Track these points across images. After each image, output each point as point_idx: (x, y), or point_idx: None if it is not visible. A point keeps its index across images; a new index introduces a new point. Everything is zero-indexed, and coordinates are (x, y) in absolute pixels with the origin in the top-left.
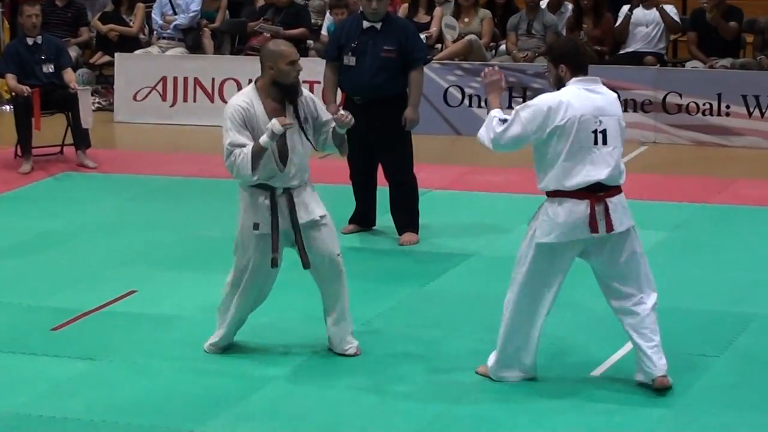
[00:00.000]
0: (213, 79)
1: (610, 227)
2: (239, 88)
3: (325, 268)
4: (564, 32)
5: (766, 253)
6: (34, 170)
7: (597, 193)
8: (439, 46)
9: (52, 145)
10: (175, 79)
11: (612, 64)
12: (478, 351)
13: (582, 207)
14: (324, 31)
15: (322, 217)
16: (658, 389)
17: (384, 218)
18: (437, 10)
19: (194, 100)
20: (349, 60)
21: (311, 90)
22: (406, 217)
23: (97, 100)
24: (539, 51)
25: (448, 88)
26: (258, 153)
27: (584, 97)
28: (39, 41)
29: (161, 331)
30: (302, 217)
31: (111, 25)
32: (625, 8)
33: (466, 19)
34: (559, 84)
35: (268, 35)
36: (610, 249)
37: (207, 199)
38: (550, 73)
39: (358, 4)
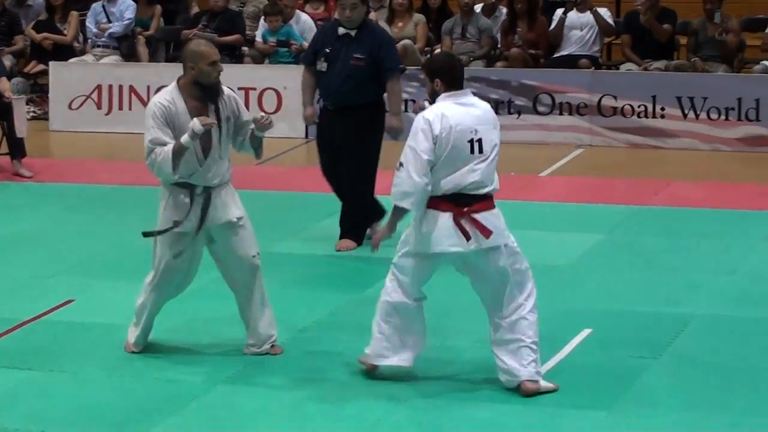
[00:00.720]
0: (148, 87)
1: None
2: None
3: (243, 269)
4: (498, 36)
5: (702, 255)
6: None
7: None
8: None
9: None
10: (110, 87)
11: (547, 68)
12: (421, 355)
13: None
14: (258, 38)
15: (239, 218)
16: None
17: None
18: (372, 15)
19: (130, 108)
20: (321, 66)
21: (246, 97)
22: (349, 224)
23: (32, 108)
24: (474, 55)
25: None
26: (179, 152)
27: (457, 109)
28: None
29: (99, 340)
30: (219, 218)
31: (45, 34)
32: (560, 11)
33: (401, 24)
34: (434, 97)
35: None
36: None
37: (143, 208)
38: (426, 87)
39: (291, 10)
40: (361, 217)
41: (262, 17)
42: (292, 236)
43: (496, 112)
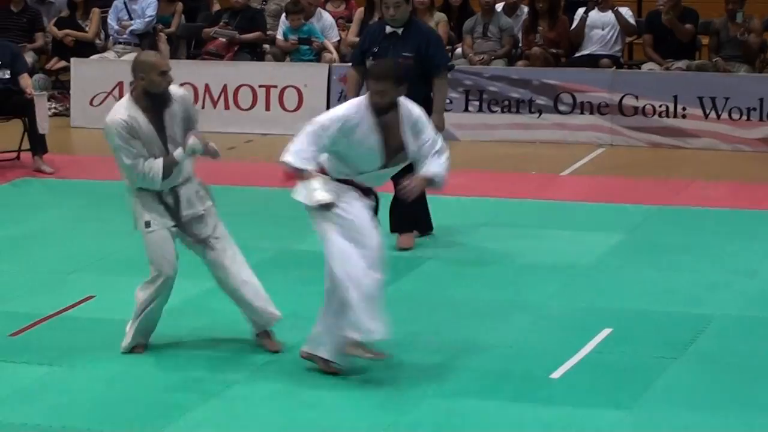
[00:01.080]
0: None
1: None
2: (196, 92)
3: (215, 251)
4: (520, 35)
5: (723, 255)
6: None
7: None
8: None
9: (8, 150)
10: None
11: (568, 67)
12: (440, 352)
13: None
14: (280, 36)
15: (205, 210)
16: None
17: None
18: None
19: None
20: (358, 65)
21: (267, 95)
22: (407, 219)
23: (53, 105)
24: (495, 54)
25: None
26: (170, 166)
27: None
28: None
29: (119, 336)
30: (186, 214)
31: (67, 31)
32: (581, 11)
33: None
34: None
35: (224, 40)
36: None
37: None
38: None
39: (313, 7)
40: (418, 208)
41: (284, 15)
42: (311, 234)
43: (517, 111)
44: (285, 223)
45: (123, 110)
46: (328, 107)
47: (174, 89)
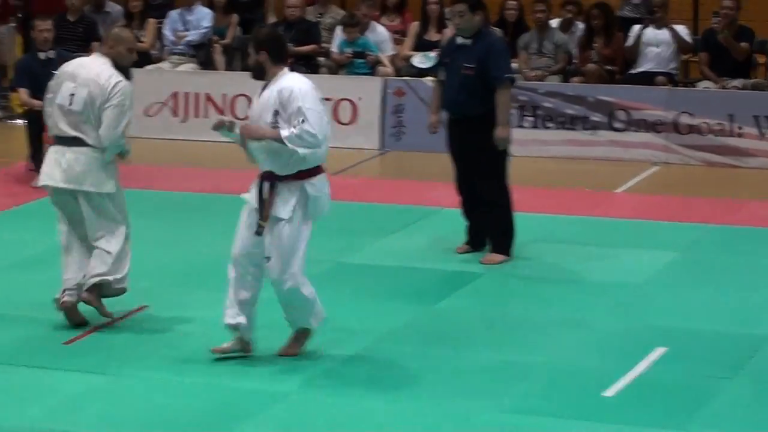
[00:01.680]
0: (224, 95)
1: None
2: (250, 103)
3: None
4: (575, 51)
5: None
6: None
7: None
8: None
9: None
10: (186, 94)
11: (623, 84)
12: (492, 369)
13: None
14: (335, 48)
15: None
16: None
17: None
18: (448, 29)
19: (205, 116)
20: (442, 75)
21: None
22: (491, 237)
23: None
24: (550, 70)
25: None
26: None
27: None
28: (51, 56)
29: (172, 346)
30: None
31: None
32: (637, 28)
33: None
34: (261, 70)
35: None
36: None
37: (216, 215)
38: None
39: (368, 21)
40: (504, 227)
41: (339, 28)
42: (365, 247)
43: (572, 128)
44: (338, 237)
45: (122, 78)
46: (382, 121)
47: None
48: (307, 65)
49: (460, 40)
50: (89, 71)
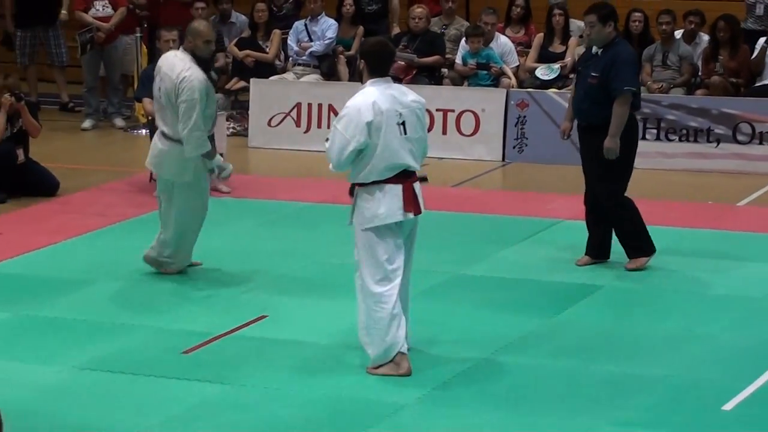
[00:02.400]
0: None
1: (418, 209)
2: None
3: None
4: (699, 63)
5: None
6: None
7: (407, 178)
8: (573, 76)
9: None
10: (310, 105)
11: (748, 96)
12: (612, 382)
13: (398, 191)
14: (458, 60)
15: None
16: None
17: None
18: (572, 41)
19: (328, 127)
20: (574, 83)
21: (444, 119)
22: (623, 244)
23: (231, 125)
24: (674, 82)
25: None
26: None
27: (385, 94)
28: None
29: (292, 356)
30: None
31: (247, 51)
32: (762, 40)
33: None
34: (360, 78)
35: (403, 63)
36: (409, 232)
37: (339, 226)
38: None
39: (492, 32)
40: (629, 230)
41: (464, 39)
42: (486, 258)
43: (695, 141)
44: (459, 248)
45: (193, 69)
46: (504, 132)
47: None
48: (430, 76)
49: (594, 49)
50: (167, 66)
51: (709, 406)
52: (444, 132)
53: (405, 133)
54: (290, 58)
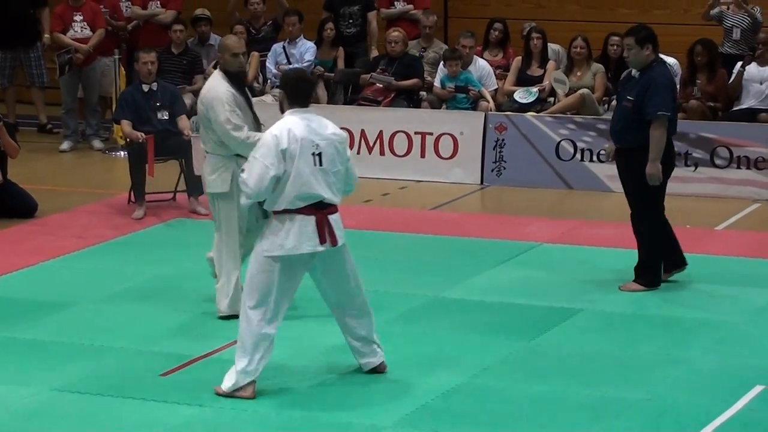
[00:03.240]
0: None
1: (334, 241)
2: (351, 137)
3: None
4: (678, 87)
5: None
6: (146, 216)
7: (322, 210)
8: (551, 99)
9: (165, 191)
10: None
11: (725, 121)
12: (590, 406)
13: (311, 222)
14: (437, 83)
15: None
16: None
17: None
18: (550, 64)
19: None
20: (614, 105)
21: (422, 142)
22: (636, 266)
23: None
24: None
25: (560, 141)
26: None
27: (302, 124)
28: (154, 88)
29: (268, 378)
30: None
31: None
32: (739, 65)
33: (579, 73)
34: (281, 107)
35: (381, 86)
36: (332, 263)
37: None
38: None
39: (470, 55)
40: (648, 259)
41: (442, 62)
42: (464, 282)
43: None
44: (437, 271)
45: (221, 84)
46: (483, 156)
47: None
48: (409, 99)
49: (633, 72)
50: (203, 88)
51: (687, 430)
52: (422, 155)
53: (321, 165)
54: (268, 81)
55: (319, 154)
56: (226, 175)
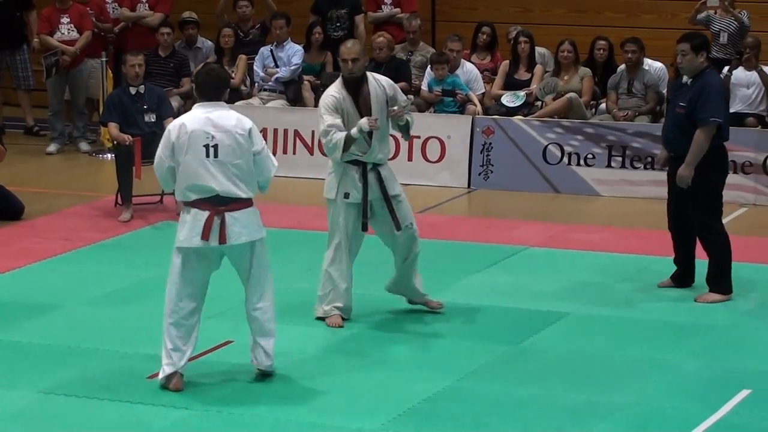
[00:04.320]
0: (313, 132)
1: (223, 239)
2: None
3: (404, 236)
4: (665, 92)
5: None
6: (133, 219)
7: (219, 205)
8: (539, 103)
9: (152, 194)
10: (275, 131)
11: None
12: (576, 410)
13: (203, 216)
14: (424, 86)
15: (398, 194)
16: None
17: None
18: (538, 68)
19: (294, 152)
20: (666, 112)
21: (410, 145)
22: (708, 274)
23: None
24: (639, 110)
25: (547, 145)
26: (348, 141)
27: (200, 117)
28: (141, 91)
29: (256, 382)
30: (385, 192)
31: None
32: (726, 69)
33: (566, 77)
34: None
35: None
36: (237, 260)
37: (304, 252)
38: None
39: (458, 59)
40: (719, 267)
41: (429, 66)
42: (451, 285)
43: (661, 169)
44: (424, 274)
45: (335, 87)
46: (470, 159)
47: (378, 76)
48: None
49: (684, 78)
50: None
51: None
52: (410, 158)
53: (216, 156)
54: (256, 84)
55: (215, 146)
56: (330, 181)
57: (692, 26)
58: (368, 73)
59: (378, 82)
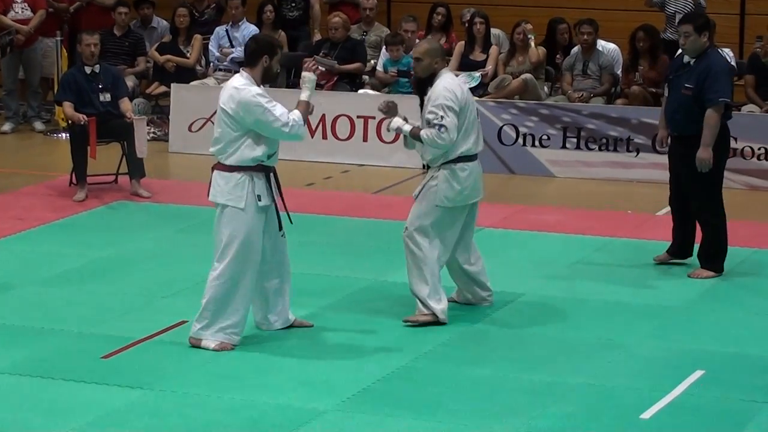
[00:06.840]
0: None
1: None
2: None
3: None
4: (620, 73)
5: None
6: (88, 198)
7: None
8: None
9: (106, 173)
10: None
11: None
12: (530, 390)
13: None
14: (379, 67)
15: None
16: None
17: None
18: (493, 49)
19: None
20: (665, 92)
21: (365, 126)
22: (702, 254)
23: (152, 130)
24: (594, 92)
25: (502, 126)
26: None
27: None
28: (97, 70)
29: (211, 361)
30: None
31: (168, 56)
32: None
33: (521, 58)
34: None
35: (324, 69)
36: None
37: None
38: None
39: (413, 40)
40: (715, 246)
41: (384, 47)
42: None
43: (615, 150)
44: (379, 255)
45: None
46: None
47: (447, 86)
48: (351, 83)
49: (686, 58)
50: None
51: (627, 414)
52: (365, 139)
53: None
54: (211, 64)
55: None
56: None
57: (647, 8)
58: (443, 76)
59: (435, 89)
